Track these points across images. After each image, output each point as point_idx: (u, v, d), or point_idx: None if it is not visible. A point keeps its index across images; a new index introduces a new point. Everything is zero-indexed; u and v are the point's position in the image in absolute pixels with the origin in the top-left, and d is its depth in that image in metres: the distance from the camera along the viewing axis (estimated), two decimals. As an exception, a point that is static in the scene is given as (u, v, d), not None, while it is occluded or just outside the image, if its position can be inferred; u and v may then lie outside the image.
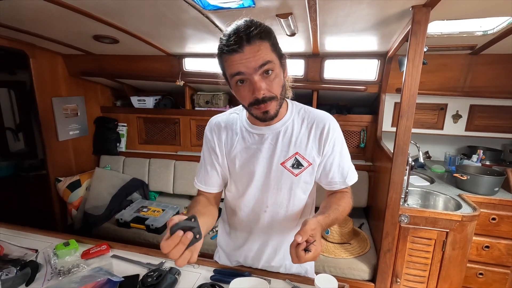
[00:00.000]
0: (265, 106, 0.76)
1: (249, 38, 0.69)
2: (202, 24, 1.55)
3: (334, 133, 0.88)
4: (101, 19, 1.52)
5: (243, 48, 0.69)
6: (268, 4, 1.28)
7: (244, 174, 0.92)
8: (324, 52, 2.07)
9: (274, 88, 0.75)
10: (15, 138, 3.33)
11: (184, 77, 2.38)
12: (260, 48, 0.70)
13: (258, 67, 0.71)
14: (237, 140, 0.91)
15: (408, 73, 1.39)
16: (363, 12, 1.35)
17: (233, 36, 0.70)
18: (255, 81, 0.72)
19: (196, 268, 1.02)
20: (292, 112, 0.90)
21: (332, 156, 0.89)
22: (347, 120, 2.36)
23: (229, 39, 0.70)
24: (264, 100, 0.75)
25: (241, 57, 0.70)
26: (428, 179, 2.24)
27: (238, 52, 0.70)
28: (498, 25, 1.53)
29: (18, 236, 1.23)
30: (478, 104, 2.18)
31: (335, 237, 1.96)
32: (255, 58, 0.70)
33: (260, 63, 0.71)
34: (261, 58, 0.71)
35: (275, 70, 0.75)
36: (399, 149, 1.50)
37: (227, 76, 0.78)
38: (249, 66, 0.71)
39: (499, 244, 1.87)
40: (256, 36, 0.70)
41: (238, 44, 0.69)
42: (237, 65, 0.71)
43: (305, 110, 0.92)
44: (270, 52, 0.73)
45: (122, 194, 2.51)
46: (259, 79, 0.72)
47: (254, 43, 0.70)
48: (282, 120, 0.88)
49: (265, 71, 0.73)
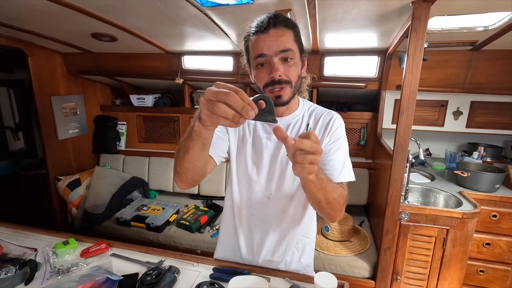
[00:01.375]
0: (279, 89, 0.80)
1: (276, 22, 0.76)
2: (200, 21, 1.54)
3: (338, 128, 0.91)
4: (100, 16, 1.51)
5: (269, 30, 0.76)
6: (267, 0, 1.26)
7: (254, 158, 0.95)
8: (323, 49, 2.06)
9: (291, 73, 0.80)
10: (15, 137, 3.33)
11: (184, 75, 2.37)
12: (284, 34, 0.77)
13: (279, 51, 0.77)
14: (248, 128, 0.96)
15: (408, 70, 1.38)
16: (362, 8, 1.33)
17: (262, 19, 0.78)
18: (274, 62, 0.78)
19: (196, 267, 1.02)
20: (303, 108, 0.96)
21: (331, 150, 0.89)
22: (347, 117, 2.35)
23: (258, 21, 0.78)
24: (280, 81, 0.79)
25: (265, 38, 0.77)
26: (428, 176, 2.23)
27: (263, 33, 0.77)
28: (499, 20, 1.52)
29: (17, 235, 1.22)
30: (479, 101, 2.17)
31: (335, 235, 1.96)
32: (278, 42, 0.76)
33: (281, 47, 0.77)
34: (283, 43, 0.77)
35: (294, 59, 0.80)
36: (399, 146, 1.49)
37: (250, 59, 0.85)
38: (271, 48, 0.77)
39: (500, 241, 1.87)
40: (282, 22, 0.77)
41: (263, 27, 0.77)
42: (261, 46, 0.77)
43: (315, 107, 0.98)
44: (292, 42, 0.79)
45: (122, 192, 2.51)
46: (277, 61, 0.78)
47: (280, 28, 0.77)
48: (293, 114, 0.94)
49: (285, 58, 0.79)
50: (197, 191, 2.64)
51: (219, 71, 2.35)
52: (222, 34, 1.74)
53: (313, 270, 1.08)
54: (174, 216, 2.29)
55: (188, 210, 2.37)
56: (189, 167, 0.76)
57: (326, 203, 0.75)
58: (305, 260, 1.04)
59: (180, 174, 0.79)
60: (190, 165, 0.75)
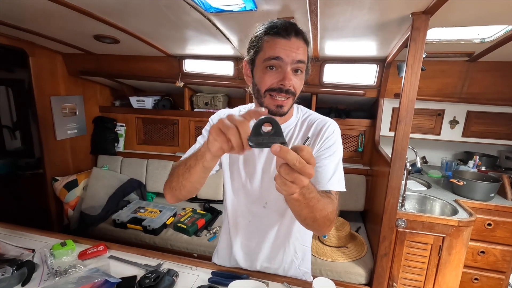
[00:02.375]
0: (284, 99, 0.78)
1: (298, 32, 0.76)
2: (203, 26, 1.56)
3: (330, 136, 0.87)
4: (103, 19, 1.53)
5: (291, 37, 0.75)
6: (270, 8, 1.29)
7: (246, 168, 0.94)
8: (324, 56, 2.09)
9: (297, 86, 0.80)
10: (12, 136, 3.31)
11: (184, 78, 2.38)
12: (302, 46, 0.77)
13: (295, 61, 0.76)
14: None
15: (407, 79, 1.40)
16: (364, 18, 1.36)
17: (282, 24, 0.76)
18: (287, 71, 0.76)
19: (194, 270, 1.02)
20: (298, 115, 0.94)
21: (321, 157, 0.85)
22: (345, 124, 2.38)
23: (277, 24, 0.76)
24: (288, 91, 0.78)
25: (286, 44, 0.75)
26: (425, 184, 2.25)
27: (285, 37, 0.75)
28: (496, 33, 1.56)
29: (14, 236, 1.21)
30: (474, 111, 2.21)
31: (332, 241, 1.96)
32: (297, 52, 0.76)
33: (298, 58, 0.76)
34: (300, 54, 0.76)
35: (303, 73, 0.81)
36: (397, 154, 1.51)
37: (257, 58, 0.80)
38: (290, 55, 0.75)
39: (494, 249, 1.89)
40: (302, 34, 0.78)
41: (287, 31, 0.75)
42: (279, 49, 0.75)
43: (309, 114, 0.95)
44: (306, 55, 0.79)
45: (119, 194, 2.50)
46: (290, 71, 0.77)
47: (300, 39, 0.77)
48: (287, 122, 0.92)
49: (296, 69, 0.78)
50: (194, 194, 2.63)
51: (219, 75, 2.36)
52: (224, 39, 1.76)
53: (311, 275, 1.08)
54: (171, 219, 2.28)
55: (185, 213, 2.37)
56: (185, 184, 0.77)
57: (312, 221, 0.69)
58: (304, 267, 1.04)
59: (175, 189, 0.80)
60: (187, 182, 0.76)
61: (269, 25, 0.78)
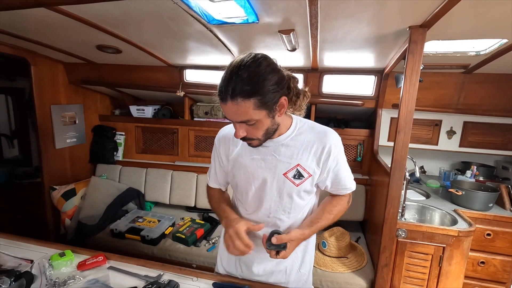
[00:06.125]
0: (247, 141, 0.89)
1: (233, 95, 0.75)
2: (205, 37, 1.58)
3: (336, 149, 0.94)
4: (106, 29, 1.55)
5: (226, 102, 0.77)
6: (272, 20, 1.32)
7: (249, 182, 0.97)
8: (323, 67, 2.13)
9: (253, 133, 0.85)
10: (10, 144, 3.29)
11: (185, 88, 2.40)
12: (240, 106, 0.76)
13: (238, 121, 0.81)
14: (242, 151, 0.98)
15: (406, 90, 1.43)
16: (362, 31, 1.40)
17: (223, 85, 0.77)
18: (236, 127, 0.84)
19: (195, 281, 1.01)
20: (296, 127, 0.95)
21: (337, 168, 0.96)
22: (344, 133, 2.40)
23: (221, 86, 0.78)
24: (244, 139, 0.87)
25: (225, 108, 0.80)
26: (423, 193, 2.26)
27: (223, 101, 0.78)
28: (490, 46, 1.60)
29: (12, 246, 1.20)
30: (471, 121, 2.25)
31: (332, 251, 1.95)
32: (236, 114, 0.79)
33: (239, 119, 0.80)
34: (240, 116, 0.79)
35: (256, 123, 0.82)
36: (396, 164, 1.52)
37: None
38: (231, 116, 0.81)
39: (494, 260, 1.89)
40: (239, 95, 0.75)
41: (222, 97, 0.77)
42: (224, 111, 0.82)
43: (309, 125, 0.98)
44: (251, 111, 0.77)
45: (118, 203, 2.48)
46: (239, 126, 0.83)
47: (236, 101, 0.76)
48: (284, 135, 0.94)
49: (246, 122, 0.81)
50: (193, 204, 2.61)
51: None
52: (225, 50, 1.79)
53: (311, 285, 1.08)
54: (170, 228, 2.26)
55: (184, 223, 2.35)
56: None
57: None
58: (304, 270, 1.04)
59: None
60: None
61: (219, 85, 0.79)
